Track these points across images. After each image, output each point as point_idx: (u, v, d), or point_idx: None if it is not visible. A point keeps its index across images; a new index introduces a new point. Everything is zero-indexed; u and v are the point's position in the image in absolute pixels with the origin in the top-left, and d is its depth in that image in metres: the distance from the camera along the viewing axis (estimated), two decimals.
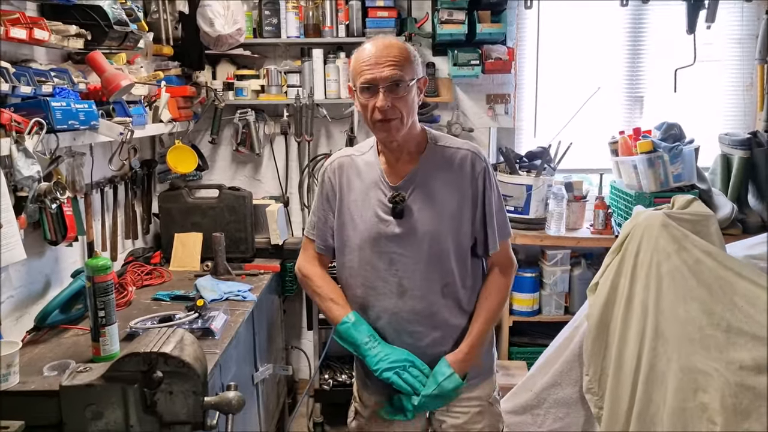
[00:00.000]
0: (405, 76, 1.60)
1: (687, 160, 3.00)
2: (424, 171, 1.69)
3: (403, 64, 1.60)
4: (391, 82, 1.59)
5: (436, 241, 1.67)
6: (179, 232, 2.97)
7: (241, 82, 3.29)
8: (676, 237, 2.05)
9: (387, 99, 1.59)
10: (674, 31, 3.36)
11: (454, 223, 1.68)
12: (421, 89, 1.68)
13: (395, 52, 1.60)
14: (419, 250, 1.67)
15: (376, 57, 1.60)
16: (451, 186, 1.68)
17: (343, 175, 1.77)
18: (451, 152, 1.71)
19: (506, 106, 3.48)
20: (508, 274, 1.79)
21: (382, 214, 1.69)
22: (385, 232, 1.69)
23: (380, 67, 1.59)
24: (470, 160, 1.69)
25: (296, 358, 3.68)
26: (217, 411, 1.46)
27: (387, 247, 1.69)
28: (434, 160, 1.70)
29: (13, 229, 1.66)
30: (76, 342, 2.03)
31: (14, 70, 1.82)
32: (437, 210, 1.67)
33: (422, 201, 1.68)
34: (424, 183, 1.68)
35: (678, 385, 1.94)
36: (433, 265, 1.68)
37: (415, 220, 1.67)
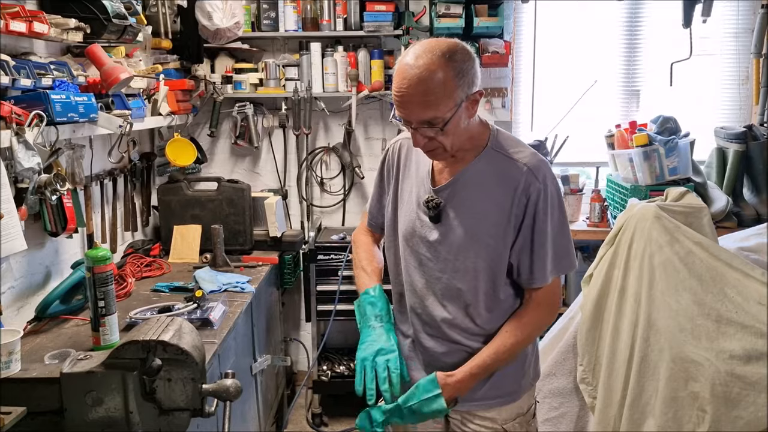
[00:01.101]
0: (439, 115, 1.38)
1: (682, 154, 3.02)
2: (471, 177, 1.51)
3: (438, 102, 1.36)
4: (426, 124, 1.41)
5: (464, 257, 1.51)
6: (178, 224, 2.99)
7: (239, 76, 3.31)
8: (669, 229, 2.07)
9: (421, 138, 1.44)
10: (670, 25, 3.38)
11: (489, 242, 1.49)
12: (476, 103, 1.44)
13: (426, 89, 1.36)
14: (445, 261, 1.54)
15: (406, 94, 1.38)
16: (495, 201, 1.48)
17: (402, 158, 1.66)
18: (507, 163, 1.48)
19: (503, 99, 3.50)
20: (543, 314, 1.56)
21: (421, 213, 1.57)
22: (419, 231, 1.58)
23: (411, 107, 1.39)
24: (525, 179, 1.45)
25: (295, 350, 3.71)
26: (215, 398, 1.49)
27: (418, 247, 1.59)
28: (486, 168, 1.50)
29: (13, 220, 1.68)
30: (76, 332, 2.05)
31: (14, 63, 1.84)
32: (473, 223, 1.50)
33: (460, 209, 1.52)
34: (467, 190, 1.51)
35: (670, 375, 1.97)
36: (458, 280, 1.54)
37: (448, 228, 1.53)
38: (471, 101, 1.43)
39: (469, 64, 1.41)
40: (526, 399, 1.66)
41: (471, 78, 1.41)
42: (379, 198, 1.76)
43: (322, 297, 3.22)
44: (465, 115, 1.43)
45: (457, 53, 1.39)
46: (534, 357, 1.68)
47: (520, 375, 1.63)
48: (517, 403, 1.63)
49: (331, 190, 3.62)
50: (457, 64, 1.38)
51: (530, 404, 1.68)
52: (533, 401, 1.70)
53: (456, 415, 1.64)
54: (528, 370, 1.65)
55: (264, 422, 2.86)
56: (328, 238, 3.28)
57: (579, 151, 3.50)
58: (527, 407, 1.66)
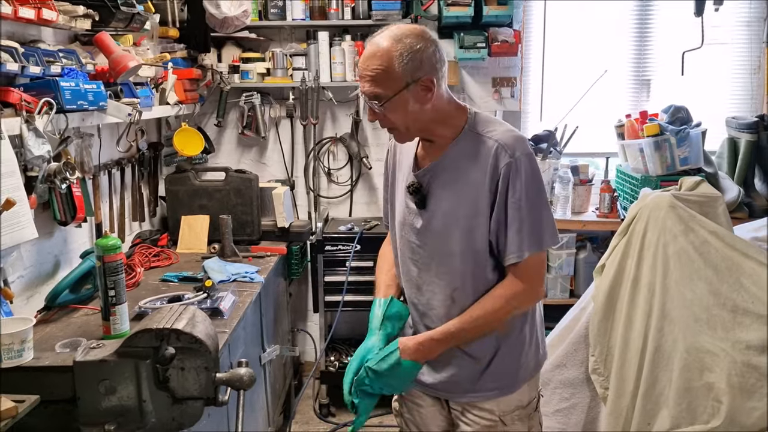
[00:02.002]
0: (384, 93, 1.43)
1: (694, 144, 2.99)
2: (450, 160, 1.52)
3: (383, 78, 1.41)
4: (372, 99, 1.46)
5: (446, 240, 1.53)
6: (186, 214, 2.98)
7: (246, 65, 3.29)
8: (684, 218, 2.05)
9: (372, 114, 1.49)
10: (682, 14, 3.34)
11: (468, 222, 1.50)
12: (429, 89, 1.44)
13: (373, 64, 1.42)
14: (432, 245, 1.56)
15: (360, 68, 1.47)
16: (472, 181, 1.49)
17: (397, 154, 1.69)
18: (481, 142, 1.49)
19: (512, 89, 3.47)
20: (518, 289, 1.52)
21: (408, 202, 1.59)
22: (408, 220, 1.60)
23: (361, 82, 1.46)
24: (495, 152, 1.46)
25: (302, 341, 3.71)
26: (229, 387, 1.48)
27: (409, 235, 1.61)
28: (464, 150, 1.51)
29: (24, 208, 1.67)
30: (86, 321, 2.04)
31: (23, 50, 1.82)
32: (454, 205, 1.52)
33: (441, 193, 1.53)
34: (446, 173, 1.52)
35: (684, 365, 1.96)
36: (444, 265, 1.55)
37: (431, 213, 1.55)
38: (422, 86, 1.43)
39: (420, 48, 1.42)
40: (526, 391, 1.62)
41: (420, 63, 1.42)
42: (387, 197, 1.76)
43: (330, 288, 3.21)
44: (414, 98, 1.44)
45: (409, 37, 1.42)
46: (533, 348, 1.63)
47: (516, 366, 1.60)
48: (515, 395, 1.60)
49: (339, 180, 3.61)
50: (404, 47, 1.41)
51: (531, 397, 1.64)
52: (536, 395, 1.66)
53: (456, 407, 1.64)
54: (526, 361, 1.61)
55: (272, 412, 2.86)
56: (336, 229, 3.27)
57: (588, 142, 3.47)
58: (528, 400, 1.63)
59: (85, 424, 1.40)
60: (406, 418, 1.77)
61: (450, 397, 1.66)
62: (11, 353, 1.41)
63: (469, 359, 1.59)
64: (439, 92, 1.47)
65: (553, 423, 2.39)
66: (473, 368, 1.59)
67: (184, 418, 1.44)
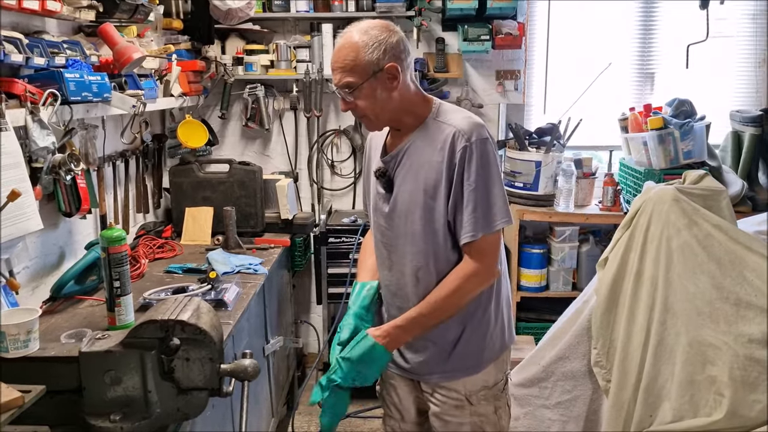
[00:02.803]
0: (354, 81, 1.53)
1: (698, 137, 2.99)
2: (413, 146, 1.62)
3: (352, 67, 1.52)
4: (343, 88, 1.56)
5: (411, 220, 1.63)
6: (190, 206, 2.99)
7: (250, 57, 3.28)
8: (687, 211, 2.05)
9: (345, 103, 1.59)
10: (687, 7, 3.33)
11: (427, 202, 1.60)
12: (394, 77, 1.54)
13: (343, 55, 1.53)
14: (397, 227, 1.66)
15: (331, 61, 1.58)
16: (432, 165, 1.59)
17: (372, 146, 1.79)
18: (441, 129, 1.60)
19: (516, 82, 3.46)
20: (471, 269, 1.58)
21: (379, 187, 1.70)
22: (378, 205, 1.71)
23: (334, 73, 1.57)
24: (452, 138, 1.56)
25: (305, 332, 3.72)
26: (233, 378, 1.49)
27: (378, 218, 1.72)
28: (426, 136, 1.61)
29: (29, 199, 1.67)
30: (91, 312, 2.06)
31: (27, 41, 1.82)
32: (414, 187, 1.61)
33: (403, 177, 1.64)
34: (409, 158, 1.63)
35: (686, 358, 1.96)
36: (408, 245, 1.65)
37: (396, 195, 1.65)
38: (387, 74, 1.54)
39: (384, 38, 1.53)
40: (492, 371, 1.70)
41: (383, 52, 1.52)
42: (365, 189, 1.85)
43: (333, 280, 3.22)
44: (382, 86, 1.55)
45: (375, 29, 1.54)
46: (498, 329, 1.70)
47: (481, 347, 1.67)
48: (480, 375, 1.68)
49: (342, 173, 3.61)
50: (370, 38, 1.53)
51: (498, 379, 1.72)
52: (502, 376, 1.74)
53: (427, 388, 1.73)
54: (491, 342, 1.68)
55: (276, 403, 2.87)
56: (339, 221, 3.27)
57: (592, 135, 3.47)
58: (494, 381, 1.71)
59: (91, 415, 1.40)
60: (387, 399, 1.88)
61: (420, 378, 1.74)
62: (17, 344, 1.42)
63: (435, 341, 1.67)
64: (404, 81, 1.58)
65: (555, 415, 2.40)
66: (440, 350, 1.67)
67: (189, 409, 1.45)
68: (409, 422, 1.85)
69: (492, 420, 1.71)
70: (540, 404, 2.44)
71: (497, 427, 1.73)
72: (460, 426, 1.70)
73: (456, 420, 1.70)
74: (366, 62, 1.52)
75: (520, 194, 3.18)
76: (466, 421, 1.69)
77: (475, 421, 1.69)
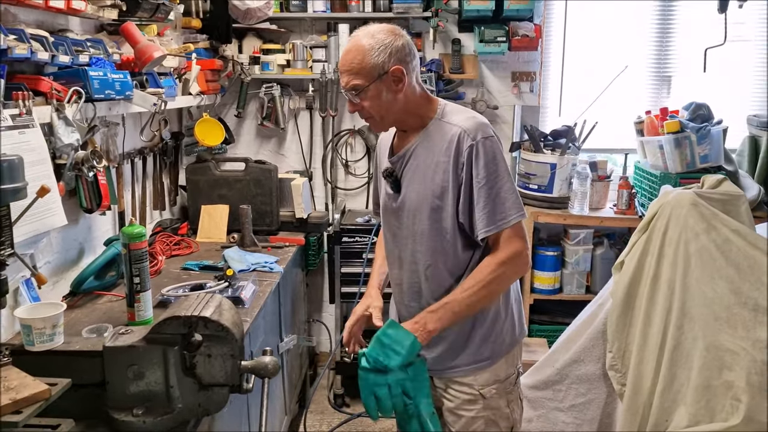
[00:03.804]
0: (360, 83, 1.57)
1: (714, 141, 2.97)
2: (419, 147, 1.66)
3: (359, 70, 1.57)
4: (349, 90, 1.60)
5: (419, 219, 1.66)
6: (206, 203, 3.01)
7: (267, 57, 3.30)
8: (706, 216, 2.05)
9: (351, 105, 1.63)
10: (705, 11, 3.31)
11: (436, 202, 1.63)
12: (399, 79, 1.58)
13: (350, 58, 1.58)
14: (407, 226, 1.69)
15: (340, 64, 1.63)
16: (438, 164, 1.62)
17: (381, 147, 1.83)
18: (446, 129, 1.63)
19: (531, 84, 3.46)
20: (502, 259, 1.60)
21: (387, 187, 1.74)
22: (388, 204, 1.75)
23: (342, 75, 1.61)
24: (458, 138, 1.59)
25: (317, 331, 3.73)
26: (253, 375, 1.51)
27: (389, 218, 1.76)
28: (432, 137, 1.65)
29: (55, 195, 1.70)
30: (110, 307, 2.08)
31: (53, 39, 1.84)
32: (422, 187, 1.65)
33: (411, 177, 1.67)
34: (416, 158, 1.66)
35: (703, 363, 1.96)
36: (418, 243, 1.68)
37: (404, 194, 1.69)
38: (393, 77, 1.58)
39: (390, 42, 1.57)
40: (503, 366, 1.72)
41: (389, 55, 1.56)
42: (375, 189, 1.91)
43: (346, 279, 3.24)
44: (387, 88, 1.59)
45: (381, 33, 1.59)
46: (508, 322, 1.73)
47: (492, 341, 1.70)
48: (493, 368, 1.70)
49: (356, 172, 3.62)
50: (376, 42, 1.57)
51: (509, 373, 1.74)
52: (514, 371, 1.75)
53: (440, 384, 1.76)
54: (501, 335, 1.71)
55: (289, 400, 2.89)
56: (353, 221, 3.28)
57: (607, 138, 3.46)
58: (505, 375, 1.73)
59: (114, 408, 1.42)
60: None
61: (433, 374, 1.75)
62: (43, 337, 1.44)
63: (447, 337, 1.69)
64: (410, 83, 1.62)
65: (569, 418, 2.40)
66: (452, 345, 1.70)
67: (210, 405, 1.47)
68: None
69: (505, 413, 1.73)
70: (553, 407, 2.44)
71: (510, 421, 1.75)
72: (474, 420, 1.71)
73: (469, 414, 1.72)
74: (372, 65, 1.56)
75: (534, 196, 3.18)
76: (479, 415, 1.71)
77: (488, 415, 1.72)
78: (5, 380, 1.28)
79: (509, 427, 1.74)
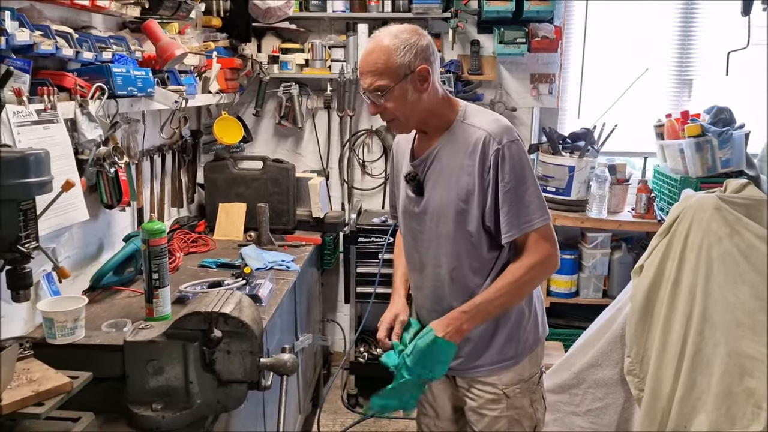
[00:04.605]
0: (385, 84, 1.55)
1: (736, 146, 2.94)
2: (443, 150, 1.64)
3: (383, 71, 1.54)
4: (373, 91, 1.57)
5: (443, 222, 1.65)
6: (223, 202, 3.02)
7: (286, 56, 3.31)
8: (729, 221, 2.02)
9: (374, 107, 1.60)
10: (728, 13, 3.27)
11: (461, 205, 1.62)
12: (425, 79, 1.57)
13: (374, 59, 1.55)
14: (430, 229, 1.68)
15: (360, 66, 1.59)
16: (463, 167, 1.60)
17: (400, 147, 1.82)
18: (471, 132, 1.61)
19: (550, 85, 3.44)
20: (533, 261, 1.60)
21: (408, 190, 1.72)
22: (408, 207, 1.73)
23: (363, 77, 1.58)
24: (483, 141, 1.58)
25: (331, 331, 3.73)
26: (272, 372, 1.51)
27: (410, 222, 1.74)
28: (455, 139, 1.63)
29: (77, 190, 1.71)
30: (128, 303, 2.09)
31: (77, 35, 1.86)
32: (446, 190, 1.63)
33: (435, 180, 1.65)
34: (439, 161, 1.64)
35: (725, 370, 1.93)
36: (442, 246, 1.67)
37: (428, 198, 1.67)
38: (418, 77, 1.56)
39: (415, 41, 1.56)
40: (527, 365, 1.72)
41: (415, 54, 1.55)
42: (393, 190, 1.89)
43: (361, 279, 3.23)
44: (413, 88, 1.57)
45: (404, 33, 1.57)
46: (531, 322, 1.73)
47: (516, 341, 1.70)
48: (517, 368, 1.71)
49: (373, 172, 3.62)
50: (401, 41, 1.55)
51: (533, 372, 1.74)
52: (537, 370, 1.76)
53: (463, 383, 1.75)
54: (524, 334, 1.71)
55: (303, 399, 2.89)
56: (369, 221, 3.28)
57: (626, 141, 3.43)
58: (529, 374, 1.73)
59: (133, 403, 1.43)
60: (421, 398, 1.87)
61: (455, 374, 1.76)
62: (65, 330, 1.45)
63: (471, 337, 1.67)
64: (433, 83, 1.60)
65: (586, 423, 2.38)
66: (476, 345, 1.69)
67: (229, 401, 1.47)
68: (445, 419, 1.87)
69: (528, 413, 1.73)
70: (570, 411, 2.42)
71: (533, 421, 1.75)
72: (497, 420, 1.71)
73: (493, 414, 1.71)
74: (398, 65, 1.54)
75: (552, 199, 3.16)
76: (503, 414, 1.71)
77: (512, 415, 1.71)
78: (28, 372, 1.29)
79: (533, 426, 1.75)
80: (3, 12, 1.53)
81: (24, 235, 1.27)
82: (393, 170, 1.86)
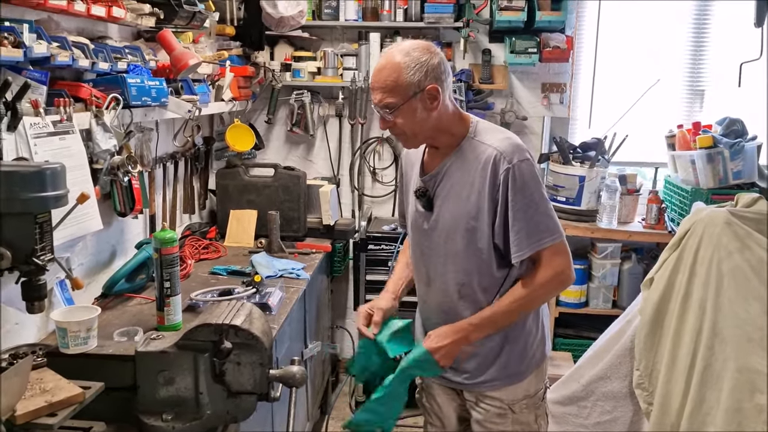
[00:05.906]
0: (394, 101, 1.55)
1: (748, 157, 2.92)
2: (453, 166, 1.64)
3: (393, 88, 1.55)
4: (383, 107, 1.58)
5: (452, 239, 1.65)
6: (234, 208, 3.04)
7: (298, 64, 3.33)
8: (740, 235, 2.01)
9: (384, 122, 1.61)
10: (740, 24, 3.26)
11: (471, 223, 1.62)
12: (435, 98, 1.56)
13: (384, 76, 1.56)
14: (438, 244, 1.68)
15: (372, 81, 1.60)
16: (473, 185, 1.61)
17: (409, 161, 1.83)
18: (482, 150, 1.61)
19: (561, 95, 3.44)
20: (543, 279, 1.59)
21: (418, 205, 1.72)
22: (417, 222, 1.74)
23: (374, 93, 1.59)
24: (494, 160, 1.57)
25: (340, 338, 3.74)
26: (281, 384, 1.52)
27: (418, 236, 1.75)
28: (465, 156, 1.63)
29: (92, 200, 1.73)
30: (140, 310, 2.11)
31: (93, 46, 1.88)
32: (456, 207, 1.63)
33: (444, 196, 1.66)
34: (449, 178, 1.65)
35: (734, 385, 1.92)
36: (450, 263, 1.67)
37: (437, 214, 1.67)
38: (428, 95, 1.56)
39: (426, 60, 1.56)
40: (533, 381, 1.73)
41: (425, 73, 1.55)
42: (402, 201, 1.90)
43: (371, 287, 3.24)
44: (422, 106, 1.57)
45: (416, 50, 1.57)
46: (539, 339, 1.74)
47: (523, 357, 1.71)
48: (523, 384, 1.72)
49: (383, 180, 3.63)
50: (412, 59, 1.55)
51: (538, 388, 1.75)
52: (542, 386, 1.77)
53: (470, 397, 1.76)
54: (531, 351, 1.72)
55: (311, 406, 2.90)
56: (379, 228, 3.29)
57: (637, 151, 3.42)
58: (535, 390, 1.74)
59: (144, 413, 1.45)
60: (427, 408, 1.92)
61: (462, 388, 1.77)
62: (77, 340, 1.47)
63: (479, 351, 1.69)
64: (443, 101, 1.60)
65: None
66: (484, 360, 1.70)
67: (238, 412, 1.49)
68: (450, 430, 1.88)
69: (533, 428, 1.75)
70: (578, 423, 2.42)
71: None
72: None
73: (498, 428, 1.73)
74: (407, 83, 1.54)
75: (562, 208, 3.15)
76: (508, 429, 1.72)
77: (517, 430, 1.73)
78: (41, 382, 1.31)
79: None
80: (21, 25, 1.55)
81: (39, 248, 1.29)
82: (402, 180, 1.87)
